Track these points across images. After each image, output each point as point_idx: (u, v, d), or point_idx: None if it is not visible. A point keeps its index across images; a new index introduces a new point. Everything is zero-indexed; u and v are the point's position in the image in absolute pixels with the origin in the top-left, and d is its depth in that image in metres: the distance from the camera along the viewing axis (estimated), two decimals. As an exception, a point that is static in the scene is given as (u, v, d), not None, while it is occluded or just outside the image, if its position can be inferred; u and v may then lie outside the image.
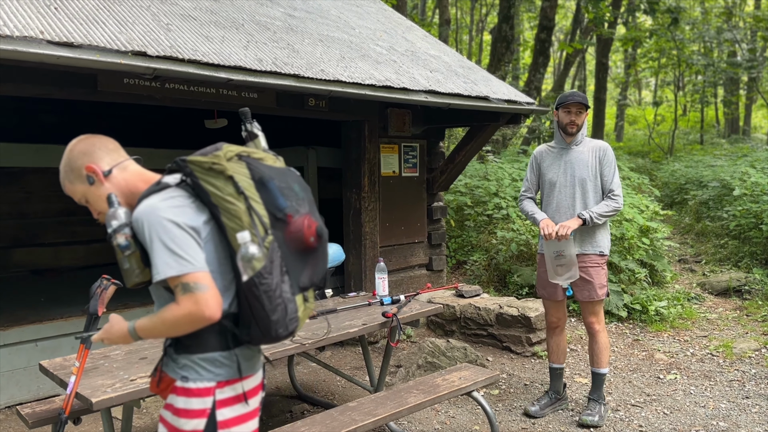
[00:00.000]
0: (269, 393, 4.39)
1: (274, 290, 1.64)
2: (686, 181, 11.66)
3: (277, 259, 1.66)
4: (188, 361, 1.71)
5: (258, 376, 1.84)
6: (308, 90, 3.97)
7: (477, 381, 3.33)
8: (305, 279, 1.75)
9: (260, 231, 1.65)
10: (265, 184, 1.70)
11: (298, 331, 1.74)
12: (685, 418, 3.77)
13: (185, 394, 1.70)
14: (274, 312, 1.64)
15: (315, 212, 1.79)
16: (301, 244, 1.73)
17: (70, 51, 2.90)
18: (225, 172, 1.66)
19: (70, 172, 1.76)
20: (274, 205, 1.69)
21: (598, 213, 3.65)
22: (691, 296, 6.59)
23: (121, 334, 1.76)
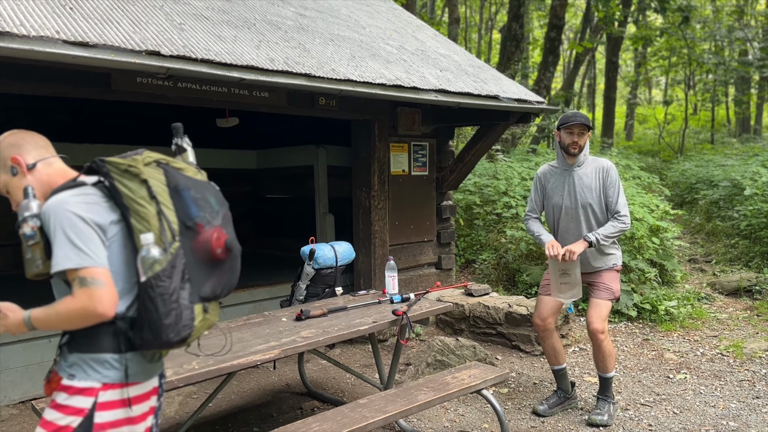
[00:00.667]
0: (280, 389, 4.43)
1: (171, 294, 1.68)
2: (697, 181, 11.61)
3: (180, 266, 1.70)
4: (78, 359, 1.74)
5: (149, 384, 1.86)
6: (319, 89, 3.99)
7: (487, 379, 3.34)
8: (207, 289, 1.78)
9: (168, 236, 1.70)
10: (179, 192, 1.76)
11: (191, 340, 1.75)
12: (694, 418, 3.77)
13: (67, 390, 1.73)
14: (167, 316, 1.66)
15: (229, 226, 1.85)
16: (209, 254, 1.77)
17: (86, 51, 2.94)
18: (140, 175, 1.72)
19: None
20: (186, 214, 1.75)
21: (604, 235, 3.63)
22: (701, 296, 6.57)
23: (17, 323, 1.76)
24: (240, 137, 7.48)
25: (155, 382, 1.90)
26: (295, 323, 3.39)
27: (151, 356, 1.85)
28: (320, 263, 3.94)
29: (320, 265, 3.94)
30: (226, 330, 3.15)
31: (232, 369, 2.78)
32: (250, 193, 8.26)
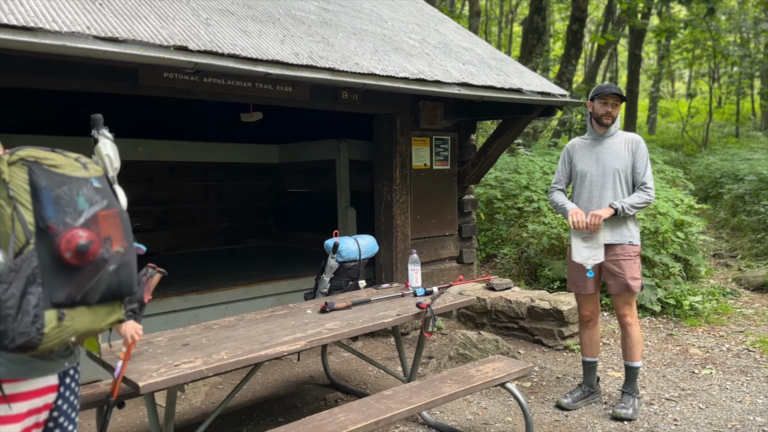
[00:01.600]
0: (304, 381, 4.47)
1: (5, 301, 1.64)
2: (721, 175, 11.44)
3: (27, 269, 1.66)
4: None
5: (37, 383, 1.85)
6: (343, 83, 4.01)
7: (511, 372, 3.35)
8: (61, 295, 1.72)
9: (20, 238, 1.67)
10: (37, 192, 1.71)
11: (45, 347, 1.72)
12: (720, 413, 3.73)
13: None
14: (1, 321, 1.63)
15: (97, 227, 1.78)
16: (59, 258, 1.72)
17: (116, 46, 2.99)
18: (1, 175, 1.70)
19: None
20: (40, 215, 1.70)
21: (630, 204, 3.62)
22: (727, 291, 6.49)
23: None
24: (262, 131, 7.53)
25: (52, 380, 1.90)
26: (319, 315, 3.42)
27: (42, 354, 1.82)
28: (344, 256, 3.96)
29: (344, 258, 3.97)
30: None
31: (260, 359, 2.82)
32: (271, 187, 8.32)
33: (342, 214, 6.16)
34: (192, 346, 2.92)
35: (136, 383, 2.45)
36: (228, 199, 7.95)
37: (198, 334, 3.12)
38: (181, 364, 2.65)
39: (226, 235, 7.98)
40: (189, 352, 2.81)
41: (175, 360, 2.71)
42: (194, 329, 3.24)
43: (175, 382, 2.53)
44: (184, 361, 2.68)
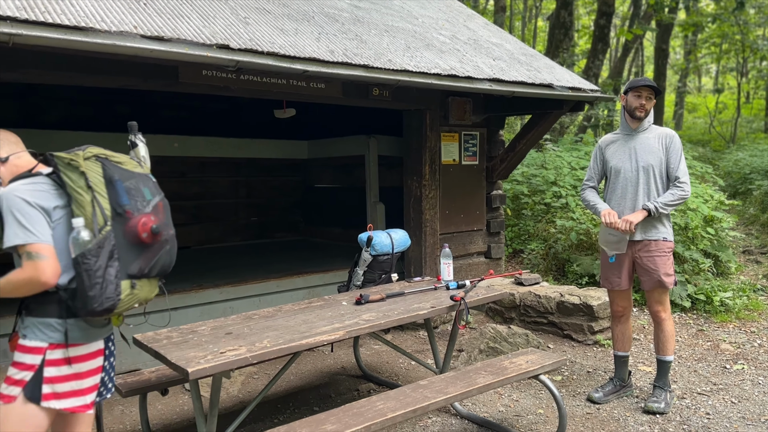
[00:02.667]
0: (336, 372, 4.56)
1: (95, 271, 1.99)
2: (751, 171, 11.29)
3: (108, 246, 2.02)
4: (30, 323, 2.08)
5: (93, 347, 2.19)
6: (377, 80, 4.07)
7: (544, 365, 3.39)
8: (134, 268, 2.11)
9: (99, 221, 2.02)
10: (113, 183, 2.08)
11: (118, 310, 2.08)
12: (753, 408, 3.74)
13: (21, 350, 2.08)
14: (91, 288, 1.98)
15: (160, 214, 2.18)
16: (135, 238, 2.10)
17: (161, 44, 3.09)
18: (79, 168, 2.04)
19: None
20: (117, 202, 2.07)
21: (663, 203, 3.64)
22: (757, 288, 6.44)
23: None
24: (290, 128, 7.64)
25: (100, 345, 2.24)
26: (355, 307, 3.50)
27: (95, 322, 2.17)
28: (377, 250, 4.03)
29: (377, 251, 4.04)
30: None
31: (301, 348, 2.91)
32: (299, 182, 8.43)
33: (371, 209, 6.24)
34: (235, 335, 3.01)
35: (186, 369, 2.54)
36: (257, 194, 8.08)
37: (239, 324, 3.21)
38: (227, 351, 2.74)
39: (255, 229, 8.11)
40: (233, 341, 2.91)
41: (220, 348, 2.80)
42: (235, 319, 3.34)
43: (221, 369, 2.62)
44: (229, 348, 2.78)
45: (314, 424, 2.71)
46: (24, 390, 2.06)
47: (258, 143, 7.34)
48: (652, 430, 3.50)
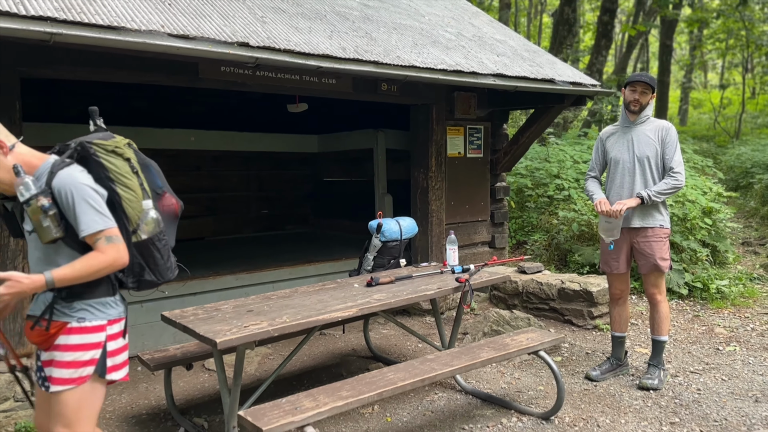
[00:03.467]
0: (347, 353, 4.80)
1: (166, 245, 2.28)
2: (752, 165, 11.45)
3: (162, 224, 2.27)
4: (84, 305, 2.15)
5: (124, 321, 2.33)
6: (386, 75, 4.30)
7: (543, 342, 3.62)
8: (172, 240, 2.37)
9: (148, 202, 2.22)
10: (148, 167, 2.30)
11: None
12: (742, 384, 3.96)
13: (81, 332, 2.15)
14: (167, 261, 2.28)
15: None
16: (172, 214, 2.37)
17: (187, 42, 3.33)
18: (124, 155, 2.21)
19: None
20: (155, 184, 2.30)
21: (656, 191, 3.85)
22: (754, 276, 6.64)
23: (35, 286, 2.04)
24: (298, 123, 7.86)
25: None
26: (366, 289, 3.73)
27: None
28: (387, 236, 4.26)
29: (387, 238, 4.27)
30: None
31: (318, 323, 3.15)
32: (309, 176, 8.67)
33: (379, 200, 6.47)
34: (256, 312, 3.25)
35: (214, 339, 2.78)
36: (268, 187, 8.33)
37: (259, 303, 3.45)
38: (250, 325, 2.97)
39: (266, 221, 8.36)
40: (254, 317, 3.14)
41: (243, 323, 3.04)
42: (255, 299, 3.57)
43: (246, 340, 2.86)
44: (252, 323, 3.01)
45: (331, 391, 2.94)
46: (96, 367, 2.18)
47: (270, 137, 7.58)
48: (645, 404, 3.73)
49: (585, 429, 3.43)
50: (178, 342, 4.54)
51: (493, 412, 3.69)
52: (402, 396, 3.95)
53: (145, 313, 4.75)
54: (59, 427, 2.18)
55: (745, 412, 3.55)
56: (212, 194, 7.74)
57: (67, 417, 2.18)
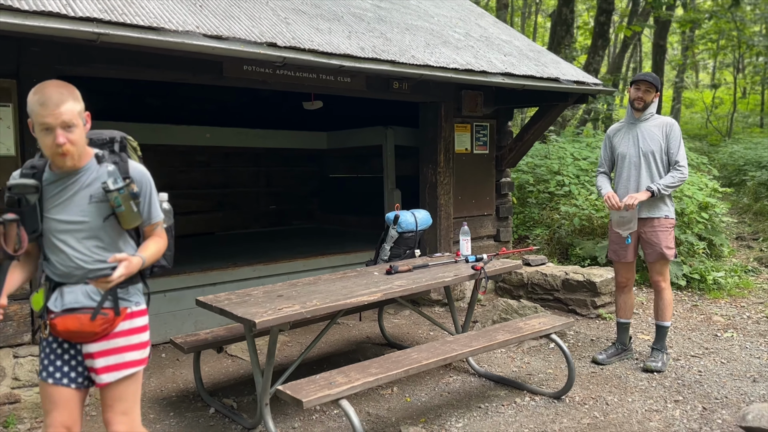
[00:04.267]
0: (362, 341, 5.01)
1: (173, 234, 2.49)
2: (745, 163, 11.73)
3: None
4: (135, 290, 2.29)
5: None
6: (402, 74, 4.49)
7: (555, 325, 3.84)
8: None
9: None
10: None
11: None
12: (740, 366, 4.19)
13: (141, 314, 2.30)
14: (172, 248, 2.49)
15: None
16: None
17: (220, 42, 3.52)
18: (137, 151, 2.44)
19: (77, 101, 2.09)
20: None
21: (664, 185, 4.08)
22: (748, 269, 6.89)
23: (137, 264, 2.17)
24: (308, 120, 8.06)
25: None
26: (386, 276, 3.93)
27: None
28: (403, 227, 4.47)
29: (403, 228, 4.47)
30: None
31: (346, 306, 3.35)
32: (316, 172, 8.86)
33: (388, 194, 6.67)
34: (286, 297, 3.44)
35: (253, 320, 2.97)
36: (276, 183, 8.52)
37: (287, 289, 3.65)
38: (284, 308, 3.17)
39: (274, 217, 8.55)
40: (285, 301, 3.34)
41: (276, 306, 3.23)
42: (282, 285, 3.77)
43: (282, 321, 3.06)
44: (285, 306, 3.21)
45: (361, 369, 3.15)
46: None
47: (282, 134, 7.77)
48: (650, 384, 3.95)
49: (595, 407, 3.65)
50: (199, 330, 4.73)
51: (507, 392, 3.91)
52: (419, 379, 4.15)
53: (167, 303, 4.93)
54: (119, 415, 2.23)
55: (744, 391, 3.78)
56: (222, 190, 7.92)
57: (128, 401, 2.25)
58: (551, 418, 3.51)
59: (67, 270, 2.14)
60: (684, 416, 3.48)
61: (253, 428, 3.48)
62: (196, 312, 5.10)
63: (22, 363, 3.62)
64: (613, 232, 4.32)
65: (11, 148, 3.64)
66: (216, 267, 5.29)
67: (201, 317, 5.03)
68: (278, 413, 3.62)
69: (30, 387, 3.62)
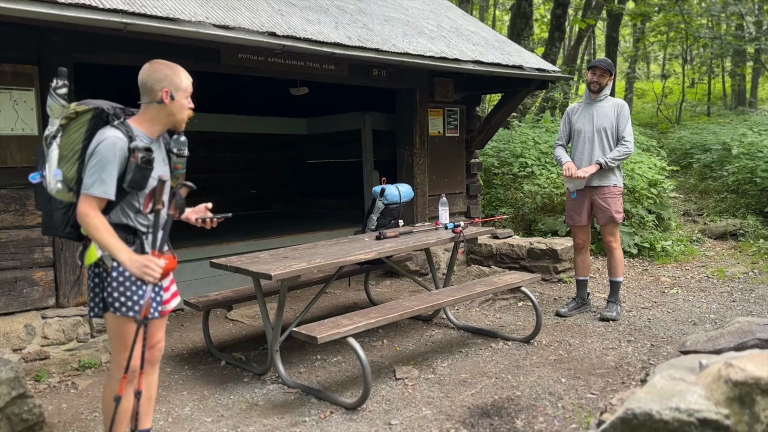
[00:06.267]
0: (350, 306, 5.49)
1: None
2: (691, 146, 12.59)
3: None
4: None
5: None
6: (386, 61, 4.98)
7: (525, 279, 4.41)
8: None
9: None
10: None
11: None
12: (683, 315, 4.84)
13: None
14: None
15: None
16: None
17: (229, 32, 3.94)
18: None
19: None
20: None
21: (612, 158, 4.68)
22: (693, 239, 7.63)
23: None
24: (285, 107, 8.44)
25: None
26: (377, 241, 4.42)
27: None
28: (389, 199, 4.96)
29: (388, 200, 4.97)
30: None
31: (344, 263, 3.84)
32: (294, 158, 9.28)
33: (367, 176, 7.16)
34: (291, 258, 3.90)
35: (269, 273, 3.42)
36: (256, 168, 8.90)
37: (290, 252, 4.10)
38: (293, 265, 3.63)
39: (254, 201, 8.94)
40: (292, 261, 3.79)
41: (285, 264, 3.69)
42: (285, 250, 4.22)
43: (294, 274, 3.52)
44: (293, 264, 3.67)
45: (363, 314, 3.64)
46: None
47: (265, 120, 8.14)
48: (606, 330, 4.56)
49: (560, 347, 4.23)
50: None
51: (483, 340, 4.46)
52: (405, 333, 4.67)
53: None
54: (163, 332, 2.79)
55: (686, 331, 4.42)
56: (206, 175, 8.27)
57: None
58: (523, 356, 4.07)
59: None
60: (635, 351, 4.09)
61: (264, 374, 3.93)
62: (195, 284, 5.51)
63: (50, 323, 3.98)
64: (569, 201, 4.90)
65: (34, 129, 3.99)
66: (211, 242, 5.69)
67: (199, 288, 5.43)
68: (284, 362, 4.08)
69: (58, 345, 4.00)
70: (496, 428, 3.07)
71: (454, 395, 3.48)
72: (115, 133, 2.36)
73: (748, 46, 18.54)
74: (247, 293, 4.39)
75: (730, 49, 20.81)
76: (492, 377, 3.73)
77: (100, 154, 2.33)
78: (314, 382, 3.80)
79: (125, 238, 2.45)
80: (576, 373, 3.74)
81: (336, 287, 5.99)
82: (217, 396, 3.63)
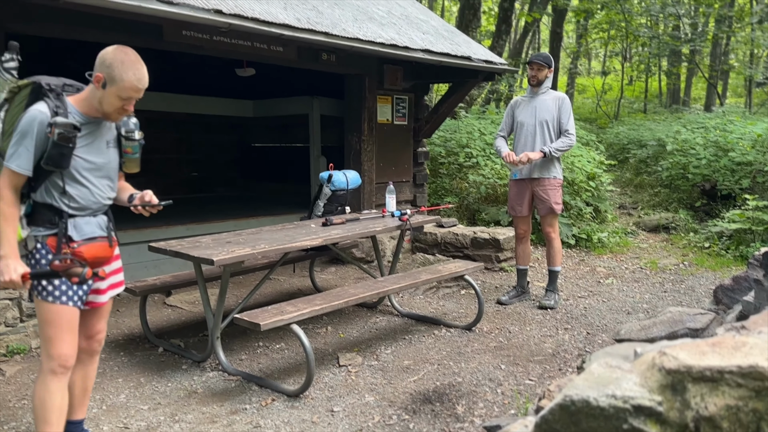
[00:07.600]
0: (294, 292, 5.44)
1: None
2: (628, 142, 13.05)
3: None
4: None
5: None
6: (335, 45, 4.91)
7: (468, 268, 4.47)
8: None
9: None
10: None
11: None
12: (618, 304, 5.03)
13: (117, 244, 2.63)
14: None
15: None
16: None
17: (173, 7, 3.79)
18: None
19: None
20: None
21: (555, 147, 4.79)
22: (628, 231, 7.92)
23: None
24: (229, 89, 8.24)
25: None
26: (323, 227, 4.39)
27: None
28: (336, 186, 4.92)
29: (336, 187, 4.93)
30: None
31: (292, 249, 3.80)
32: (237, 141, 9.08)
33: (314, 161, 7.08)
34: (234, 243, 3.82)
35: (211, 258, 3.34)
36: (198, 150, 8.67)
37: (233, 238, 4.01)
38: (236, 250, 3.55)
39: (196, 183, 8.71)
40: (235, 246, 3.72)
41: (228, 249, 3.61)
42: (228, 235, 4.13)
43: (237, 259, 3.45)
44: (236, 249, 3.59)
45: (307, 301, 3.61)
46: None
47: (208, 101, 7.91)
48: (545, 318, 4.68)
49: (500, 335, 4.32)
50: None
51: (426, 327, 4.50)
52: (349, 320, 4.67)
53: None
54: (103, 324, 2.69)
55: (620, 320, 4.59)
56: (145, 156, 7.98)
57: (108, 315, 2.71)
58: (464, 343, 4.14)
59: (86, 203, 2.40)
60: (572, 339, 4.22)
61: (203, 361, 3.85)
62: (132, 268, 5.31)
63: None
64: (512, 192, 5.00)
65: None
66: (149, 225, 5.51)
67: (136, 273, 5.25)
68: (225, 349, 4.00)
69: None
70: (438, 414, 3.11)
71: (397, 382, 3.51)
72: (39, 107, 2.28)
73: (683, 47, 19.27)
74: (187, 278, 4.28)
75: (667, 49, 21.63)
76: (434, 364, 3.77)
77: (21, 127, 2.27)
78: (256, 369, 3.76)
79: (50, 220, 2.36)
80: (515, 360, 3.83)
81: (280, 273, 5.92)
82: (154, 383, 3.53)
